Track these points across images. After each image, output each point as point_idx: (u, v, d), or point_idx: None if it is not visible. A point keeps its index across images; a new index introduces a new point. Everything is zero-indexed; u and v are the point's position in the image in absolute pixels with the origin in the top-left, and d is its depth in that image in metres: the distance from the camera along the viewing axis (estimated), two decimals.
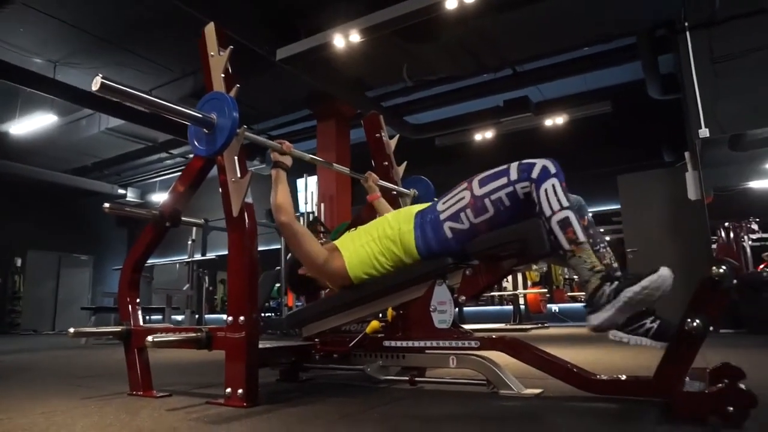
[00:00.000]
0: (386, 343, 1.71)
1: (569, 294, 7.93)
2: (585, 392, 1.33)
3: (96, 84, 1.24)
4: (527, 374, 1.56)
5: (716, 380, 1.12)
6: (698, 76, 4.44)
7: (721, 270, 1.08)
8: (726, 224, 5.18)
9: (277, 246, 6.72)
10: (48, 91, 6.13)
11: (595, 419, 1.19)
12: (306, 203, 6.87)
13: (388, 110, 6.93)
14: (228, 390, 1.45)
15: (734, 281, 1.11)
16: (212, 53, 1.69)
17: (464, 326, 2.00)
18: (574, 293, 7.88)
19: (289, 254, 1.97)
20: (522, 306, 6.78)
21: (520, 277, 6.82)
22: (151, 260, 2.35)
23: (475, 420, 1.22)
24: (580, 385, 1.33)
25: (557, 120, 7.18)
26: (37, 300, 10.57)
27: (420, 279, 1.65)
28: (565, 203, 1.37)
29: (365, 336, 1.74)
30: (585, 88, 6.97)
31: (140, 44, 5.92)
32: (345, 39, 4.77)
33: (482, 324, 6.54)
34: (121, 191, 10.90)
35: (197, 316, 6.68)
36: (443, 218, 1.58)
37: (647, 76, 5.73)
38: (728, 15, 4.40)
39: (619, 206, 5.74)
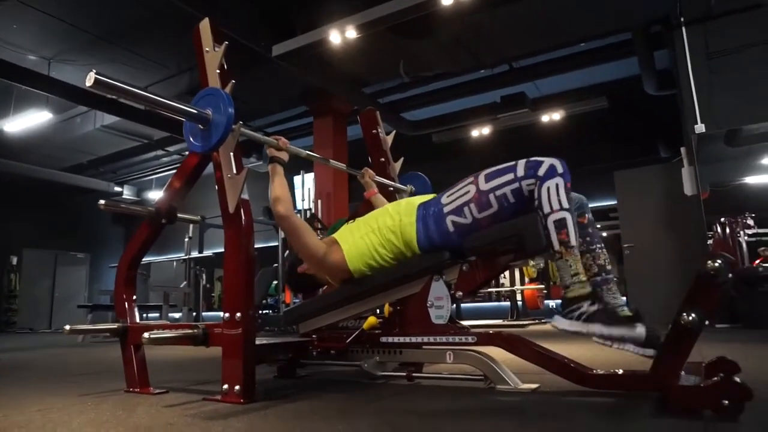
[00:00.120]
0: (383, 339, 1.71)
1: None
2: (582, 387, 1.33)
3: (90, 80, 1.23)
4: (524, 369, 1.57)
5: (712, 374, 1.13)
6: (694, 72, 4.46)
7: (717, 264, 1.09)
8: (722, 220, 5.19)
9: (275, 243, 6.71)
10: (43, 89, 6.09)
11: (592, 413, 1.19)
12: (303, 200, 6.86)
13: (385, 106, 6.92)
14: (225, 386, 1.45)
15: (730, 276, 1.11)
16: (207, 49, 1.68)
17: (461, 322, 2.00)
18: None
19: (288, 252, 1.97)
20: (519, 302, 6.80)
21: (518, 273, 6.83)
22: (148, 258, 2.35)
23: (472, 415, 1.22)
24: (577, 380, 1.34)
25: (554, 116, 7.19)
26: (34, 298, 10.55)
27: (417, 275, 1.65)
28: (566, 204, 1.37)
29: (362, 332, 1.74)
30: (581, 84, 6.97)
31: (135, 41, 5.89)
32: (341, 35, 4.75)
33: (479, 320, 6.55)
34: (117, 189, 10.85)
35: (194, 314, 6.67)
36: (447, 211, 1.57)
37: (643, 72, 5.74)
38: (724, 10, 4.41)
39: (616, 202, 5.77)
